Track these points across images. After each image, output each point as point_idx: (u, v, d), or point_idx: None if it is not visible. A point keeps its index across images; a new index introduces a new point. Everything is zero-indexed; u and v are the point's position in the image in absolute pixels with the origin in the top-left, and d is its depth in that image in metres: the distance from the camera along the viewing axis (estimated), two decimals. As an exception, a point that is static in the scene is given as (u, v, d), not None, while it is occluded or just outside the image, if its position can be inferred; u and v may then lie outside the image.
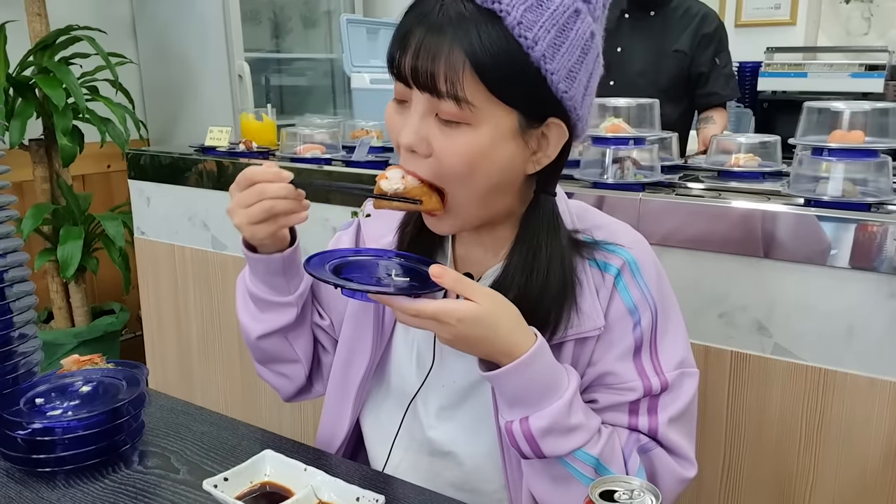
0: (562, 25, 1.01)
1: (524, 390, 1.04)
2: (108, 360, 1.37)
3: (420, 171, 1.06)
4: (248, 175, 1.12)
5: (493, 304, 1.02)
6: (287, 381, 1.39)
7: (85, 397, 1.26)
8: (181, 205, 2.82)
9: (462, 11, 0.98)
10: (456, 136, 1.02)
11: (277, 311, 1.29)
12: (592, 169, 2.04)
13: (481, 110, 1.01)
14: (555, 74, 1.01)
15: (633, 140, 2.03)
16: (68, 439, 1.18)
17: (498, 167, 1.05)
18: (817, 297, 1.68)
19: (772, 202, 1.73)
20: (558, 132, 1.07)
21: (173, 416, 1.37)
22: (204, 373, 2.91)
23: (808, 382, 1.71)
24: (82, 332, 3.54)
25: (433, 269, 1.00)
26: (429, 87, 1.00)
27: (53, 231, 3.52)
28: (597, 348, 1.14)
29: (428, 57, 0.99)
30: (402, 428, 1.27)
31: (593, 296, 1.13)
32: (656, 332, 1.15)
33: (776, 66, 3.79)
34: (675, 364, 1.15)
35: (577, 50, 1.03)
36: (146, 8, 4.16)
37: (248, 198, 1.12)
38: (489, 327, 1.01)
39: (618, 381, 1.13)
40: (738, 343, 1.78)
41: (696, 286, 1.80)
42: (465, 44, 0.97)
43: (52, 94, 3.12)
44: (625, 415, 1.14)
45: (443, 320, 0.99)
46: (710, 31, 3.22)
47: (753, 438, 1.80)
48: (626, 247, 1.16)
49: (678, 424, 1.14)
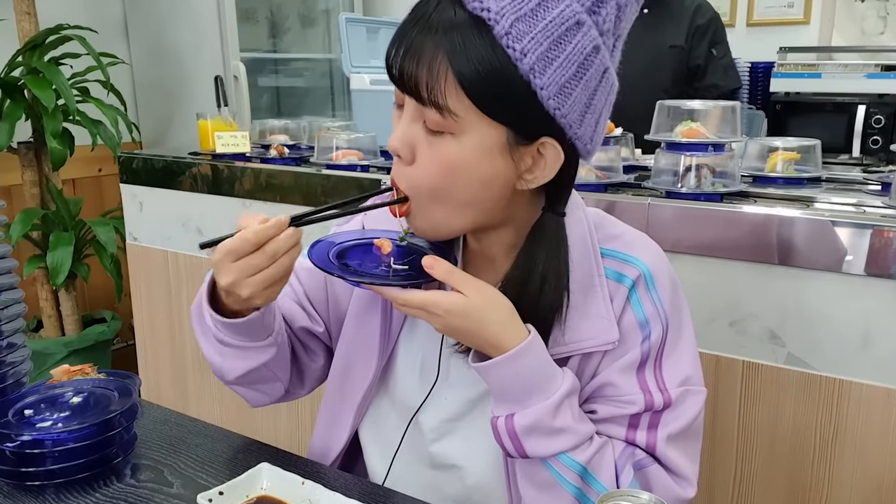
0: (557, 38, 0.98)
1: (511, 385, 1.05)
2: (100, 370, 1.37)
3: (399, 179, 1.08)
4: (255, 240, 1.02)
5: (482, 298, 1.03)
6: (264, 395, 1.34)
7: (75, 408, 1.26)
8: (175, 210, 2.82)
9: (451, 17, 0.98)
10: (438, 146, 1.03)
11: (254, 352, 1.21)
12: (665, 177, 1.95)
13: (465, 120, 1.00)
14: (545, 90, 0.99)
15: (713, 146, 1.93)
16: (58, 452, 1.18)
17: (477, 181, 1.05)
18: (832, 304, 1.68)
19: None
20: (553, 152, 1.05)
21: (167, 428, 1.37)
22: (198, 383, 2.91)
23: (822, 393, 1.71)
24: (73, 342, 3.54)
25: (426, 260, 1.03)
26: (413, 93, 1.01)
27: (43, 237, 3.52)
28: (603, 360, 1.14)
29: (413, 61, 0.99)
30: (403, 440, 1.27)
31: (608, 308, 1.13)
32: (664, 348, 1.15)
33: (789, 67, 3.80)
34: (680, 381, 1.14)
35: (574, 65, 1.00)
36: (139, 7, 4.17)
37: (261, 262, 1.03)
38: (476, 320, 1.03)
39: (617, 393, 1.13)
40: (749, 352, 1.78)
41: (706, 293, 1.80)
42: (450, 51, 0.97)
43: (42, 96, 3.12)
44: (623, 428, 1.13)
45: (430, 311, 1.02)
46: (703, 23, 3.22)
47: (766, 451, 1.80)
48: (642, 258, 1.16)
49: (678, 442, 1.14)
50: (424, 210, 1.08)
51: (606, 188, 1.99)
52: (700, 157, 1.90)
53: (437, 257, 1.04)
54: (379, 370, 1.27)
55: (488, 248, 1.20)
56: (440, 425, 1.24)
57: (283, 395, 1.36)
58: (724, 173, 1.91)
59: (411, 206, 1.09)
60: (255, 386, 1.31)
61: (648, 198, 1.88)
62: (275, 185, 2.50)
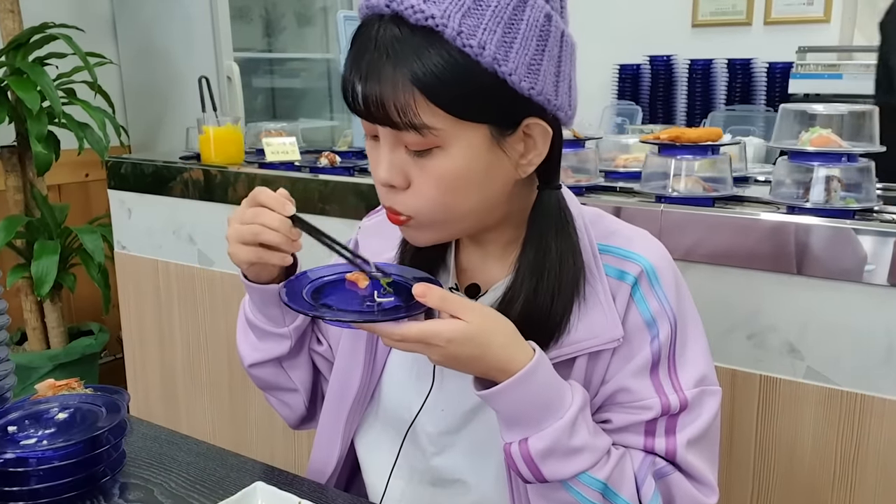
0: (508, 20, 1.01)
1: (522, 409, 1.05)
2: (87, 384, 1.38)
3: (399, 207, 1.08)
4: (255, 195, 1.14)
5: (483, 320, 1.02)
6: (289, 409, 1.43)
7: (61, 425, 1.26)
8: (165, 217, 2.82)
9: (397, 35, 0.99)
10: (429, 165, 1.04)
11: (273, 341, 1.33)
12: (787, 189, 1.84)
13: (445, 132, 1.02)
14: (513, 74, 1.01)
15: (847, 156, 1.78)
16: (43, 471, 1.18)
17: (478, 186, 1.07)
18: (853, 316, 1.68)
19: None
20: (540, 129, 1.08)
21: (157, 446, 1.37)
22: (190, 399, 2.92)
23: (843, 409, 1.71)
24: (58, 355, 3.54)
25: (417, 289, 1.00)
26: (384, 120, 1.01)
27: (27, 245, 3.52)
28: (612, 363, 1.15)
29: (376, 89, 1.00)
30: (400, 456, 1.28)
31: (609, 305, 1.13)
32: (675, 347, 1.16)
33: (809, 67, 3.80)
34: (696, 381, 1.15)
35: (533, 40, 1.03)
36: (127, 4, 4.18)
37: (246, 216, 1.14)
38: (480, 345, 1.01)
39: (633, 398, 1.14)
40: (767, 366, 1.78)
41: (722, 304, 1.80)
42: (408, 70, 0.98)
43: (26, 98, 3.13)
44: (640, 436, 1.14)
45: (431, 342, 1.00)
46: None
47: (784, 469, 1.79)
48: (642, 254, 1.17)
49: (698, 446, 1.14)
50: (426, 226, 1.10)
51: (713, 202, 1.89)
52: (830, 169, 1.78)
53: (428, 284, 1.02)
54: (366, 379, 1.29)
55: (487, 247, 1.22)
56: (439, 438, 1.24)
57: (307, 415, 1.44)
58: (856, 186, 1.79)
59: (411, 223, 1.10)
60: (276, 393, 1.42)
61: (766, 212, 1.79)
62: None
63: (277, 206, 1.12)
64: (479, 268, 1.24)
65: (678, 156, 1.92)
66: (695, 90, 4.42)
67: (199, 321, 2.80)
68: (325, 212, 2.36)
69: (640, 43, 4.58)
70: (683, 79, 4.46)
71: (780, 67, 4.04)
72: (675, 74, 4.52)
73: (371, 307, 1.06)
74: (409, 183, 1.06)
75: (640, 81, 4.60)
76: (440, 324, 1.00)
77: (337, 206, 2.35)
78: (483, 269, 1.23)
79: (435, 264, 1.25)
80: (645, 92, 4.57)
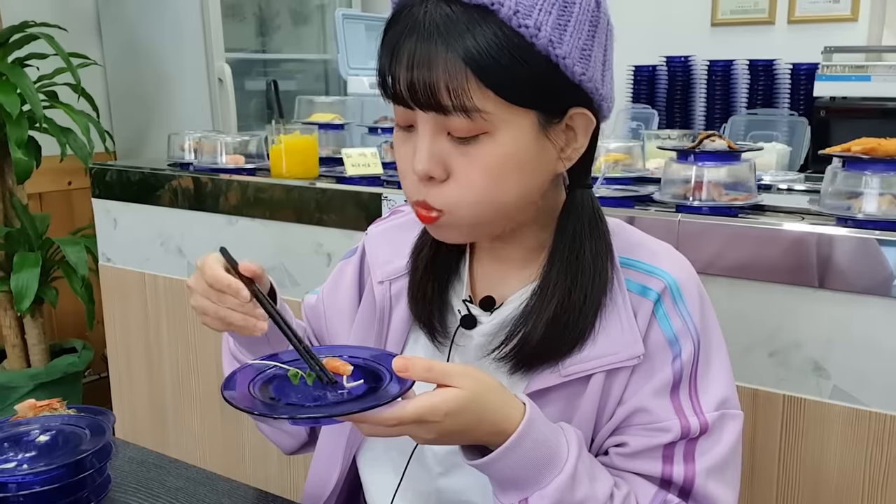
0: (562, 3, 1.03)
1: (521, 469, 1.03)
2: (69, 405, 1.38)
3: (435, 201, 1.08)
4: (204, 273, 1.16)
5: (476, 383, 1.00)
6: (286, 436, 1.43)
7: (43, 448, 1.27)
8: (153, 227, 2.83)
9: (449, 14, 1.00)
10: (475, 152, 1.05)
11: None
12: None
13: (496, 115, 1.03)
14: (567, 58, 1.03)
15: None
16: (23, 496, 1.19)
17: (523, 175, 1.08)
18: (882, 332, 1.68)
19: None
20: (583, 120, 1.10)
21: (144, 470, 1.38)
22: (179, 420, 2.92)
23: (871, 430, 1.71)
24: (39, 374, 3.55)
25: (397, 364, 0.97)
26: (431, 105, 1.02)
27: (6, 257, 3.54)
28: (630, 382, 1.15)
29: (424, 71, 1.00)
30: (405, 478, 1.28)
31: (630, 321, 1.14)
32: (697, 367, 1.16)
33: (835, 69, 3.79)
34: (717, 404, 1.15)
35: (586, 25, 1.05)
36: (112, 3, 4.20)
37: (211, 297, 1.16)
38: (477, 411, 1.00)
39: (651, 419, 1.14)
40: (791, 386, 1.78)
41: (743, 320, 1.80)
42: (461, 49, 0.99)
43: (5, 101, 3.14)
44: (658, 462, 1.14)
45: (427, 420, 0.97)
46: None
47: (809, 495, 1.79)
48: (667, 270, 1.18)
49: (719, 474, 1.14)
50: (457, 223, 1.10)
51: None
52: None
53: (407, 357, 0.98)
54: None
55: (505, 257, 1.22)
56: (447, 457, 1.24)
57: (308, 439, 1.44)
58: None
59: (443, 219, 1.10)
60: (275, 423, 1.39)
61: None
62: (263, 199, 2.50)
63: (233, 292, 1.12)
64: (495, 279, 1.24)
65: (867, 171, 1.78)
66: (714, 93, 4.41)
67: (189, 338, 2.80)
68: (320, 222, 2.36)
69: (655, 43, 4.57)
70: (702, 81, 4.45)
71: (805, 69, 4.03)
72: (693, 76, 4.51)
73: (340, 396, 1.01)
74: (447, 174, 1.07)
75: (656, 84, 4.59)
76: (434, 396, 0.97)
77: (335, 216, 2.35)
78: (499, 281, 1.23)
79: (448, 275, 1.26)
80: (661, 95, 4.56)
